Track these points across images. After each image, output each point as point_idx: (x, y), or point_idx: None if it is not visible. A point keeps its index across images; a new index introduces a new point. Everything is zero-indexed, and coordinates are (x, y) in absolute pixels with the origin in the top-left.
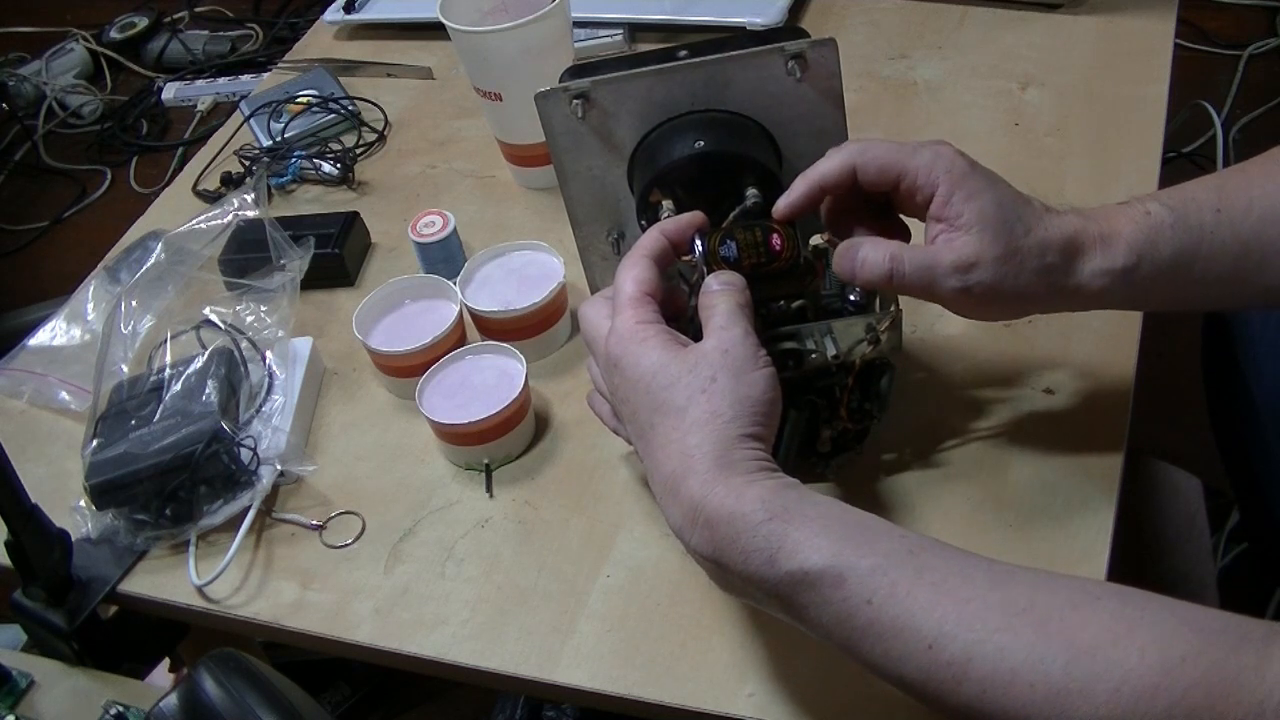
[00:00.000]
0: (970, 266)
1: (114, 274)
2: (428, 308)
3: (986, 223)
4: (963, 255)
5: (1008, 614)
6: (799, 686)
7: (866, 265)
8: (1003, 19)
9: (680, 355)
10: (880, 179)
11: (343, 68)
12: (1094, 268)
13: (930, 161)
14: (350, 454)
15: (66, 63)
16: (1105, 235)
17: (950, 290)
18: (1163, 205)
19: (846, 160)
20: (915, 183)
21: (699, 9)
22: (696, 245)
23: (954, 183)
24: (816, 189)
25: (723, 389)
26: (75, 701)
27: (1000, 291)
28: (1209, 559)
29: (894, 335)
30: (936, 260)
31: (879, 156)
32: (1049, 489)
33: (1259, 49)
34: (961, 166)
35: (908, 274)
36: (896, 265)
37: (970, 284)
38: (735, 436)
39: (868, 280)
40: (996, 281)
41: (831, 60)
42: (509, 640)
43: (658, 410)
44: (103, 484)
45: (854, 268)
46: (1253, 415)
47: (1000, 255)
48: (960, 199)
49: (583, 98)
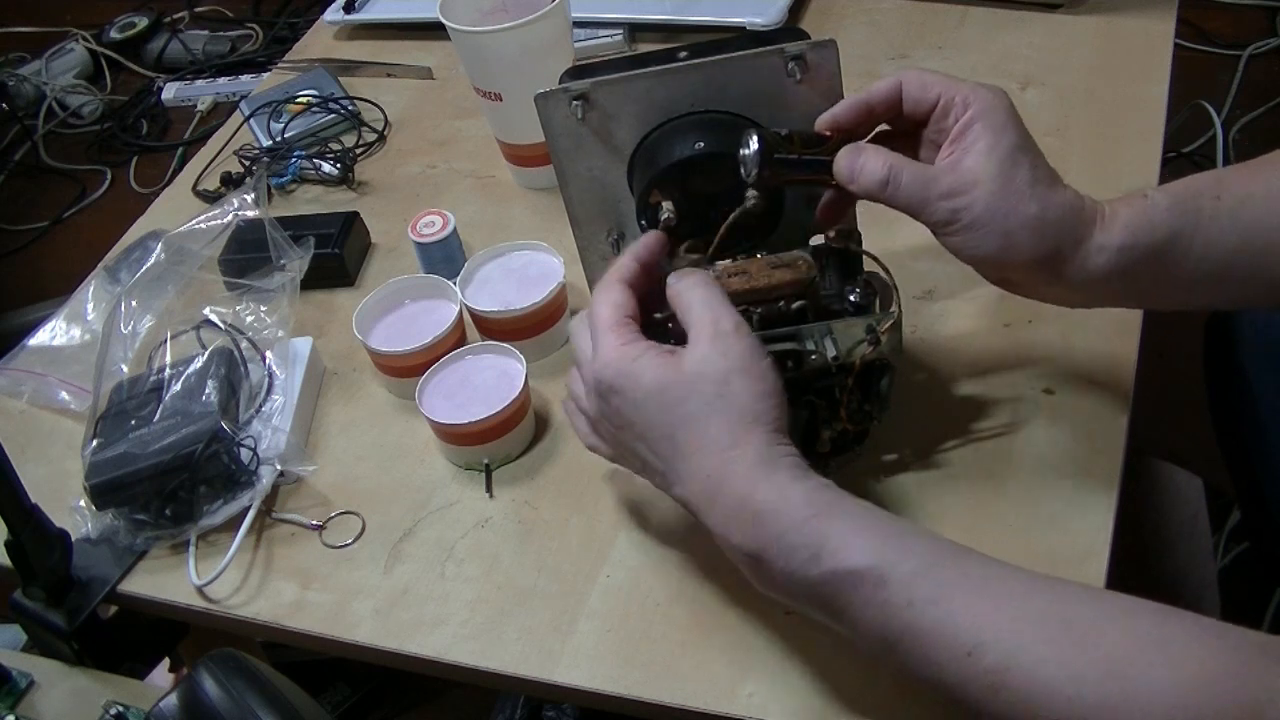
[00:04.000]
0: (962, 192)
1: (114, 274)
2: (428, 308)
3: (993, 154)
4: (961, 179)
5: (1046, 625)
6: (799, 686)
7: (865, 170)
8: (1003, 19)
9: (678, 366)
10: (922, 95)
11: (343, 68)
12: (1093, 243)
13: (971, 90)
14: (350, 454)
15: (66, 63)
16: (1106, 214)
17: (940, 213)
18: (1162, 191)
19: (894, 79)
20: (951, 102)
21: (699, 9)
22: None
23: (983, 113)
24: (863, 105)
25: (739, 390)
26: (75, 701)
27: (989, 230)
28: (1209, 559)
29: (894, 336)
30: (934, 180)
31: (923, 75)
32: (1049, 489)
33: (1259, 49)
34: (999, 104)
35: (903, 185)
36: (894, 175)
37: (959, 209)
38: (768, 434)
39: (864, 186)
40: (987, 216)
41: (832, 61)
42: (509, 640)
43: (678, 425)
44: (103, 484)
45: (853, 171)
46: (1253, 415)
47: (997, 190)
48: (980, 129)
49: (583, 99)
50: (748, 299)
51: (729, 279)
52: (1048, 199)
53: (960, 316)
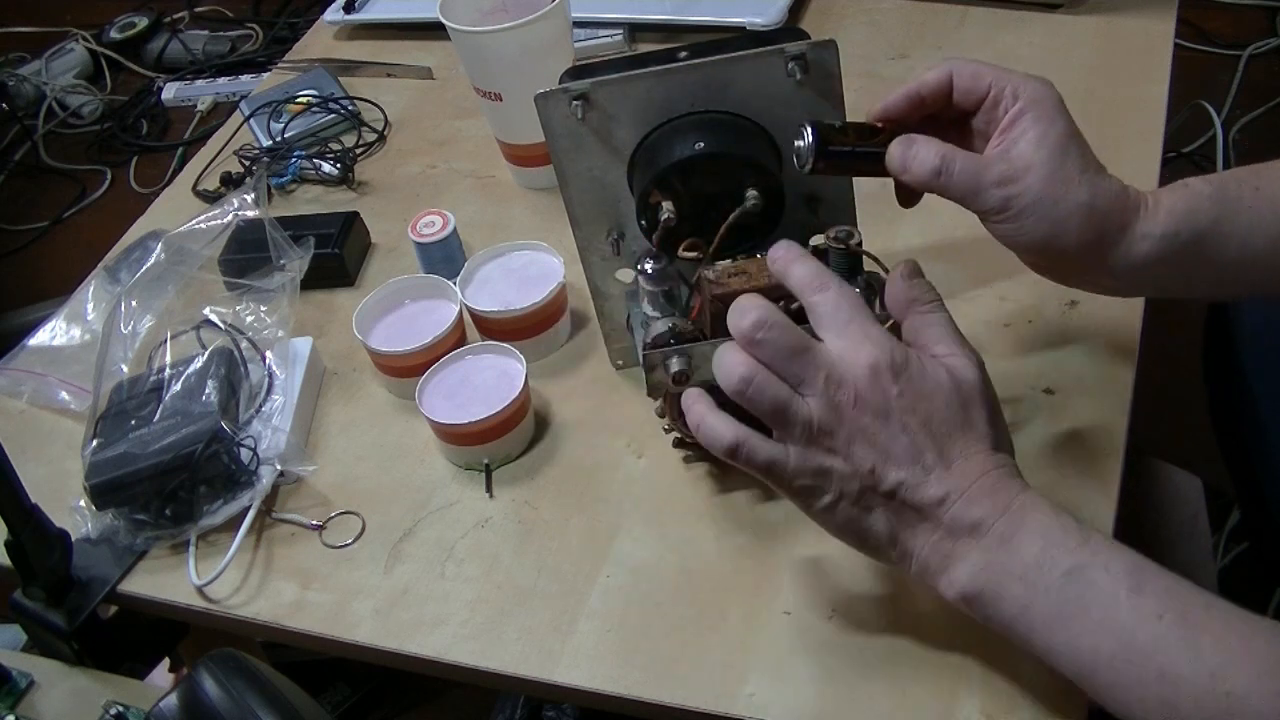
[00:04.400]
0: (1015, 179)
1: (114, 274)
2: (428, 308)
3: (1044, 143)
4: (1013, 166)
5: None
6: (799, 686)
7: (918, 160)
8: (1003, 19)
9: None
10: (973, 85)
11: (343, 68)
12: (1137, 230)
13: (1021, 81)
14: (350, 454)
15: (66, 63)
16: (1150, 203)
17: (993, 200)
18: (1203, 180)
19: (945, 68)
20: (1002, 92)
21: (699, 9)
22: (806, 129)
23: (1033, 103)
24: (915, 95)
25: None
26: (75, 701)
27: (1040, 216)
28: (1209, 559)
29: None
30: (986, 168)
31: (974, 65)
32: (1049, 489)
33: (1259, 49)
34: (1049, 96)
35: (955, 174)
36: (946, 164)
37: (1012, 196)
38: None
39: (916, 175)
40: (1038, 203)
41: (832, 62)
42: (509, 640)
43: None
44: (103, 484)
45: (905, 161)
46: (1253, 415)
47: (1048, 176)
48: (1031, 119)
49: (583, 99)
50: None
51: (729, 279)
52: (1097, 186)
53: (960, 316)
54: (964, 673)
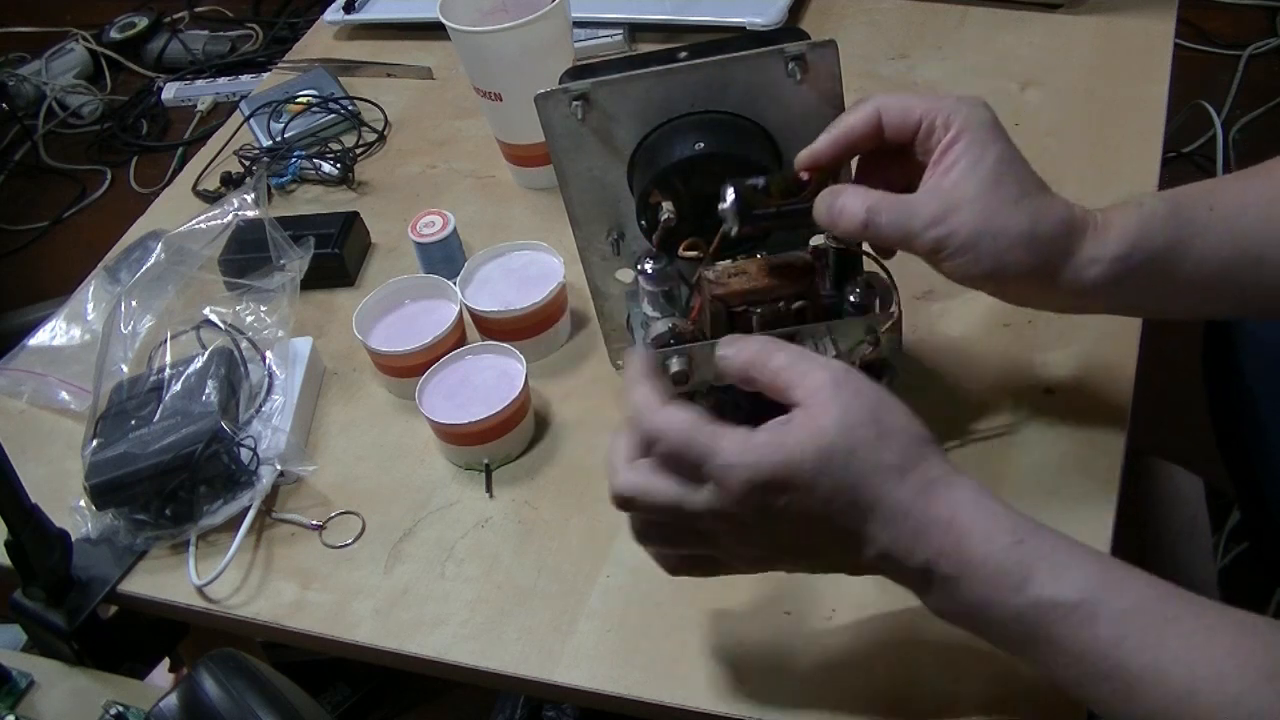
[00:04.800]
0: (946, 217)
1: (114, 274)
2: (428, 308)
3: (976, 172)
4: (944, 203)
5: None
6: (799, 686)
7: (844, 214)
8: (1003, 19)
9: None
10: (902, 121)
11: (343, 68)
12: (1087, 254)
13: (953, 106)
14: (350, 454)
15: (66, 63)
16: (1099, 223)
17: (927, 243)
18: (1155, 199)
19: (871, 107)
20: (934, 123)
21: (699, 9)
22: (728, 190)
23: (966, 128)
24: (842, 139)
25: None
26: (75, 701)
27: (980, 251)
28: (1209, 559)
29: (894, 336)
30: (915, 211)
31: (902, 100)
32: (1049, 489)
33: (1259, 49)
34: (982, 119)
35: (884, 224)
36: (872, 215)
37: (945, 236)
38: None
39: (845, 229)
40: (975, 238)
41: (832, 62)
42: (509, 640)
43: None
44: (103, 484)
45: (832, 215)
46: (1253, 415)
47: (982, 208)
48: (963, 146)
49: (583, 99)
50: (748, 299)
51: (729, 279)
52: (1038, 212)
53: (960, 316)
54: (964, 673)
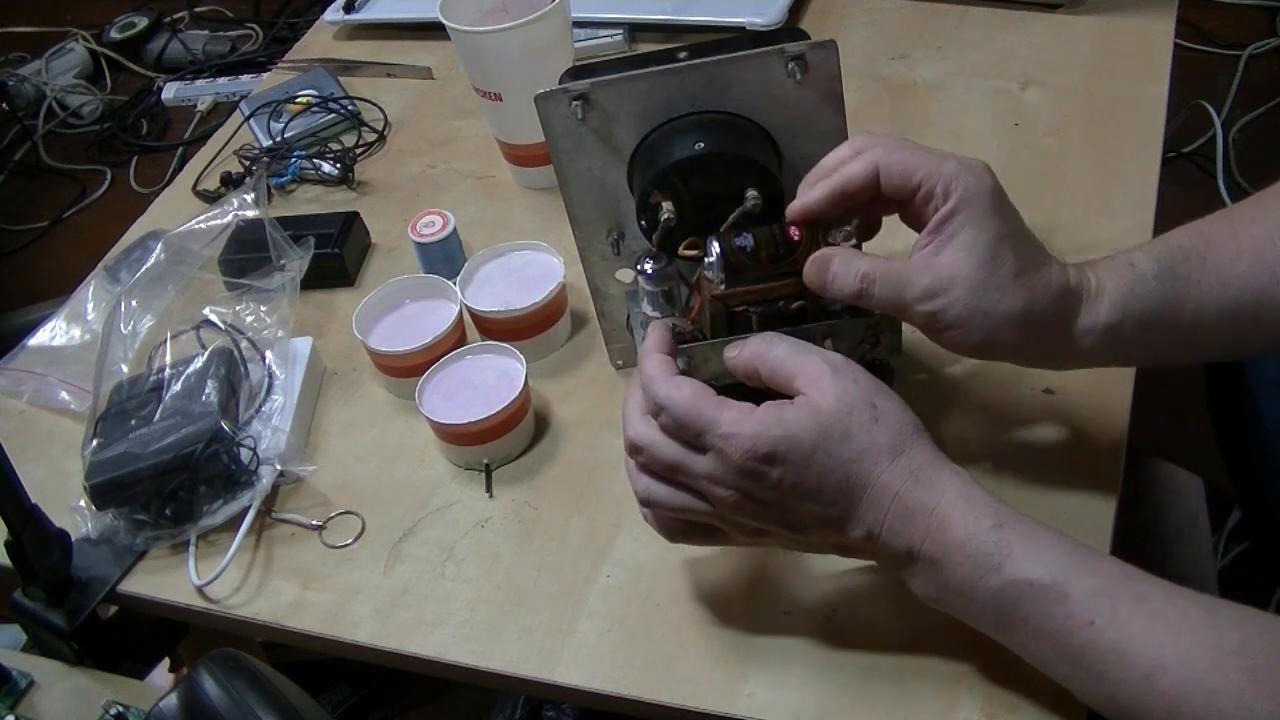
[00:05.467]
0: (940, 292)
1: (114, 274)
2: (428, 308)
3: (974, 250)
4: (938, 277)
5: (1219, 654)
6: (799, 686)
7: (837, 284)
8: (1003, 19)
9: (819, 407)
10: (902, 184)
11: (343, 68)
12: (1081, 326)
13: (955, 172)
14: (350, 454)
15: (66, 63)
16: (1092, 291)
17: (919, 316)
18: (1146, 256)
19: (870, 162)
20: (933, 190)
21: (699, 9)
22: (713, 245)
23: (964, 202)
24: (838, 192)
25: (887, 408)
26: (75, 701)
27: (970, 329)
28: (1209, 558)
29: (893, 337)
30: (909, 282)
31: (904, 158)
32: (1049, 489)
33: (1259, 49)
34: (983, 188)
35: (877, 295)
36: (866, 286)
37: (938, 310)
38: (928, 441)
39: (837, 296)
40: (968, 314)
41: (832, 62)
42: (509, 640)
43: (850, 461)
44: (103, 484)
45: (824, 284)
46: (1254, 414)
47: (977, 285)
48: (960, 220)
49: (583, 99)
50: (747, 299)
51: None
52: (1034, 290)
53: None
54: (964, 672)
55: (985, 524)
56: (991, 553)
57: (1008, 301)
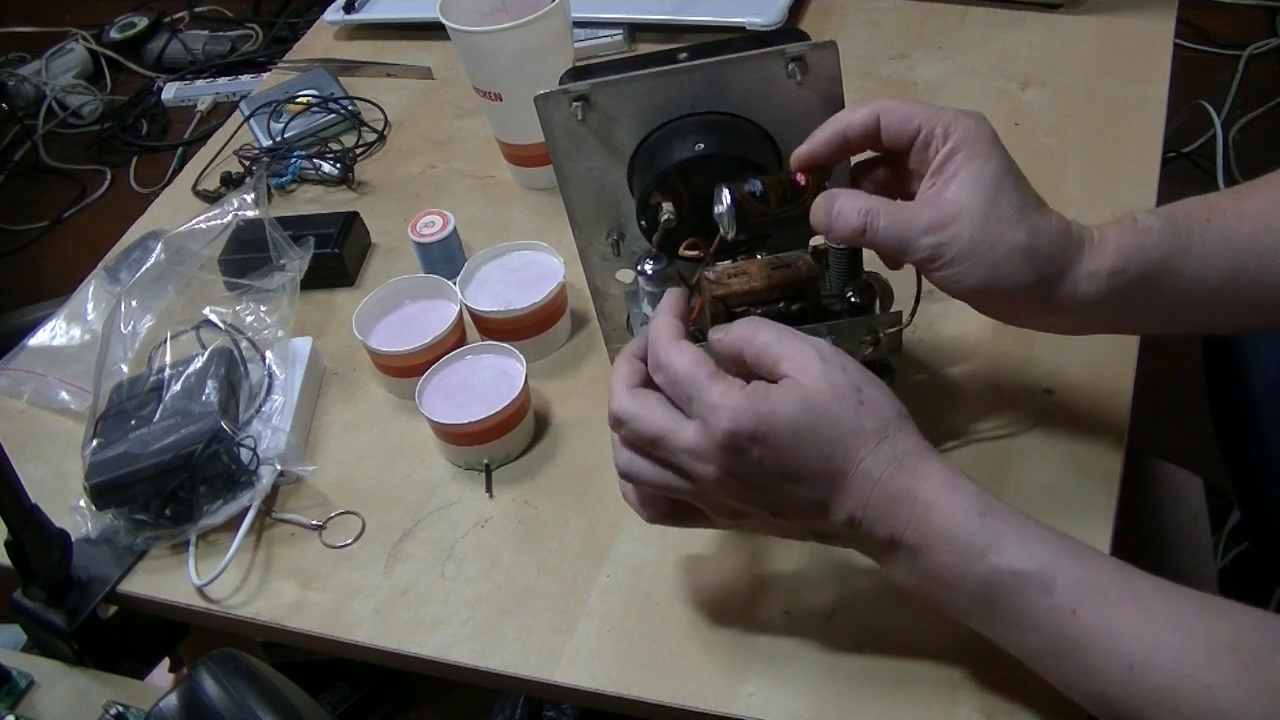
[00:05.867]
0: (945, 225)
1: (114, 274)
2: (428, 308)
3: (977, 185)
4: (942, 212)
5: (1212, 648)
6: (799, 686)
7: (841, 217)
8: (1003, 19)
9: (806, 389)
10: (901, 128)
11: (343, 68)
12: (1082, 268)
13: (953, 118)
14: (350, 454)
15: (66, 63)
16: (1095, 239)
17: (923, 250)
18: (1152, 214)
19: (872, 109)
20: (932, 133)
21: (699, 9)
22: (724, 193)
23: (965, 141)
24: (840, 136)
25: (874, 394)
26: (75, 701)
27: (975, 261)
28: (1209, 558)
29: (894, 337)
30: (913, 218)
31: (903, 105)
32: (1049, 489)
33: (1259, 49)
34: (982, 132)
35: (880, 229)
36: (871, 219)
37: (942, 243)
38: (913, 428)
39: (842, 233)
40: (971, 248)
41: (832, 63)
42: (509, 640)
43: (834, 444)
44: (103, 484)
45: (829, 219)
46: (1254, 414)
47: (981, 219)
48: (962, 158)
49: (583, 100)
50: (748, 299)
51: (729, 279)
52: (1035, 225)
53: (960, 316)
54: (964, 673)
55: (970, 512)
56: (976, 541)
57: (1010, 234)
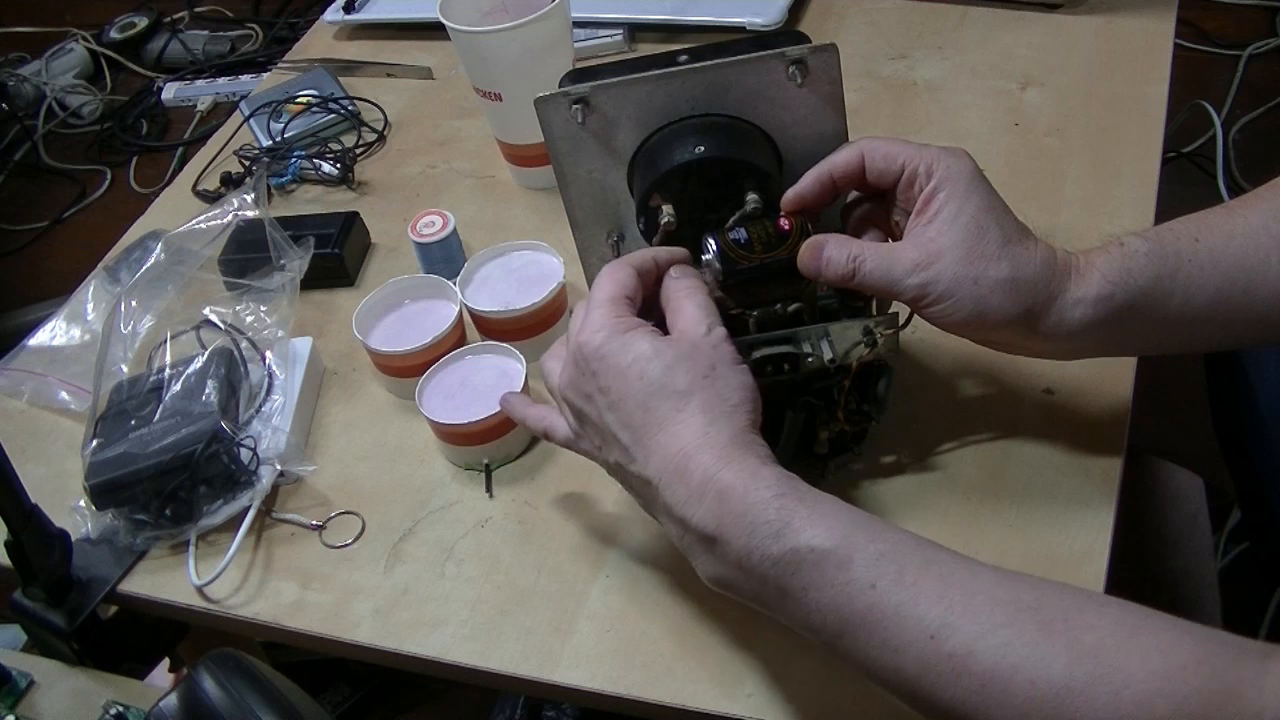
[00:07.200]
0: (929, 264)
1: (114, 274)
2: (428, 308)
3: (958, 222)
4: (925, 251)
5: (1013, 610)
6: (799, 686)
7: (830, 264)
8: (1003, 19)
9: (671, 342)
10: (885, 167)
11: (343, 68)
12: (1069, 296)
13: (935, 157)
14: (350, 454)
15: (66, 63)
16: (1081, 266)
17: (910, 290)
18: (1138, 237)
19: (856, 149)
20: (916, 171)
21: (699, 9)
22: (710, 242)
23: (947, 179)
24: (826, 177)
25: (724, 377)
26: (75, 701)
27: (961, 299)
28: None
29: (891, 338)
30: (898, 259)
31: (887, 145)
32: (1049, 489)
33: (1259, 49)
34: (963, 169)
35: (867, 272)
36: (858, 265)
37: (928, 282)
38: (744, 425)
39: (831, 279)
40: (956, 284)
41: (832, 65)
42: (509, 640)
43: (656, 395)
44: (103, 484)
45: (818, 267)
46: (1254, 414)
47: (964, 256)
48: (944, 196)
49: (583, 102)
50: (745, 303)
51: None
52: (1019, 258)
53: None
54: None
55: (766, 494)
56: (772, 519)
57: (994, 269)
